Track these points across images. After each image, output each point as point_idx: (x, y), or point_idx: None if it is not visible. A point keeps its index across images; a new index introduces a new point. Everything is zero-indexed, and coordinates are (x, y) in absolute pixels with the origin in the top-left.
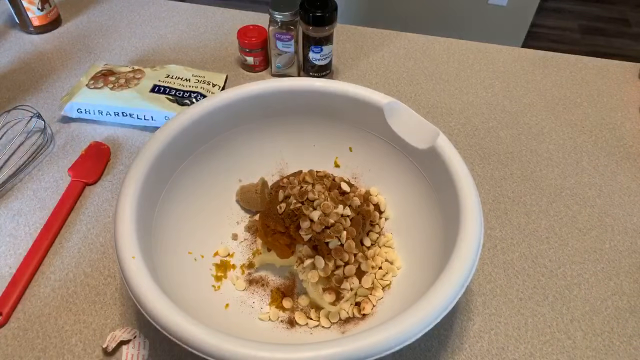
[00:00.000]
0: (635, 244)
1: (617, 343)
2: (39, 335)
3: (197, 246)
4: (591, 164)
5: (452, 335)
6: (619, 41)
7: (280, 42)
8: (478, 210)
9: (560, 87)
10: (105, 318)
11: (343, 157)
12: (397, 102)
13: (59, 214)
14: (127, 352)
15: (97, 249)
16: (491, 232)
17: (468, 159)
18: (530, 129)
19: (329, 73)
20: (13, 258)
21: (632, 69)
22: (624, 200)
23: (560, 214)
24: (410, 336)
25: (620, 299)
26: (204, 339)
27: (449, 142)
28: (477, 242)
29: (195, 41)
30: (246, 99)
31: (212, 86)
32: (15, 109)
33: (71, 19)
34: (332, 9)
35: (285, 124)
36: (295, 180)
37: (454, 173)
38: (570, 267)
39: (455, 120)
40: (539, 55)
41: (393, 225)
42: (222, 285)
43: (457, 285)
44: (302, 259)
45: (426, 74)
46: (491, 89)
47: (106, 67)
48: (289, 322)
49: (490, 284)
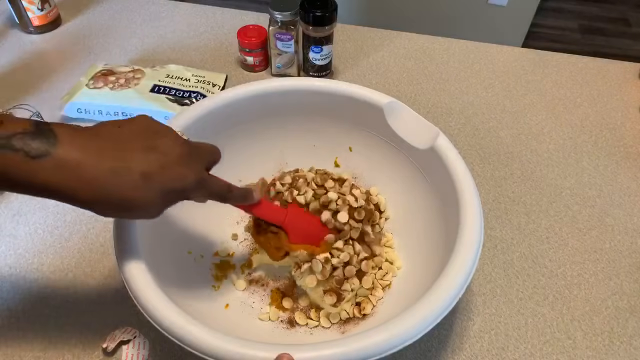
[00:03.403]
0: (635, 244)
1: (617, 343)
2: (39, 335)
3: (197, 246)
4: (591, 164)
5: (452, 335)
6: (619, 41)
7: (280, 42)
8: (478, 211)
9: (560, 87)
10: (105, 318)
11: (343, 157)
12: (397, 102)
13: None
14: (127, 352)
15: (97, 249)
16: (491, 232)
17: (468, 159)
18: (530, 129)
19: (329, 73)
20: (13, 258)
21: (632, 69)
22: (624, 200)
23: (560, 214)
24: (411, 336)
25: (620, 299)
26: (204, 339)
27: (449, 142)
28: (477, 242)
29: (195, 41)
30: (246, 99)
31: (212, 86)
32: (15, 109)
33: (71, 19)
34: (332, 9)
35: (285, 124)
36: (288, 176)
37: (454, 173)
38: (570, 267)
39: (455, 120)
40: (539, 55)
41: (393, 225)
42: (222, 285)
43: (457, 285)
44: (300, 264)
45: (426, 74)
46: (491, 89)
47: (106, 67)
48: (289, 322)
49: (490, 284)
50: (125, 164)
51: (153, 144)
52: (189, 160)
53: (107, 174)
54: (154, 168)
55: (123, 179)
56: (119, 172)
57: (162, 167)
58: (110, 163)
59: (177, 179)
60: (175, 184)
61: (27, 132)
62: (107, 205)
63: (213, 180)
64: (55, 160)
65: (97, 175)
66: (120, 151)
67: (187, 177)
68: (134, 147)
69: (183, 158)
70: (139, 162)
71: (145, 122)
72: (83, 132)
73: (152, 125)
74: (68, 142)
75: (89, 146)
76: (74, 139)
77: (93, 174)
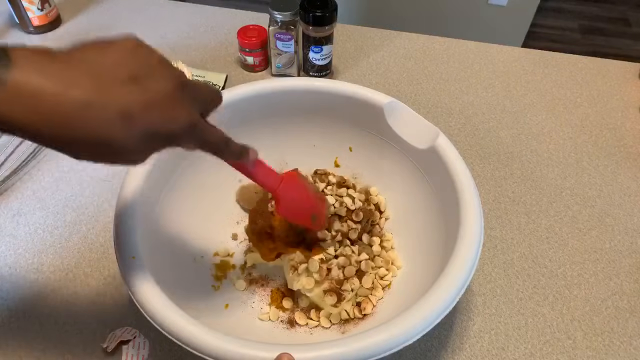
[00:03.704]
0: (635, 244)
1: (617, 343)
2: (39, 335)
3: (197, 246)
4: (591, 164)
5: (452, 335)
6: (619, 41)
7: (280, 42)
8: (478, 210)
9: (560, 87)
10: (105, 318)
11: (343, 157)
12: (397, 102)
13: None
14: (127, 352)
15: (97, 249)
16: (491, 232)
17: (468, 159)
18: (530, 129)
19: (329, 73)
20: (13, 258)
21: (632, 69)
22: (624, 200)
23: (560, 214)
24: (411, 336)
25: (621, 299)
26: (204, 339)
27: (449, 142)
28: (477, 242)
29: (195, 41)
30: (246, 99)
31: (212, 86)
32: None
33: (71, 19)
34: (332, 9)
35: (285, 124)
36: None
37: (454, 173)
38: (570, 267)
39: (455, 120)
40: (539, 55)
41: (393, 225)
42: (222, 285)
43: (458, 285)
44: (296, 265)
45: (426, 74)
46: (491, 89)
47: None
48: (289, 322)
49: (490, 284)
50: (100, 97)
51: (138, 75)
52: (182, 100)
53: (75, 107)
54: (137, 105)
55: (96, 116)
56: (92, 106)
57: (146, 104)
58: (80, 94)
59: (165, 122)
60: (161, 127)
61: None
62: (78, 145)
63: (208, 127)
64: (10, 89)
65: (63, 108)
66: (95, 80)
67: (177, 119)
68: (114, 77)
69: (174, 96)
70: (119, 97)
71: (132, 46)
72: (49, 56)
73: (141, 51)
74: (26, 65)
75: (54, 72)
76: (37, 64)
77: (57, 105)
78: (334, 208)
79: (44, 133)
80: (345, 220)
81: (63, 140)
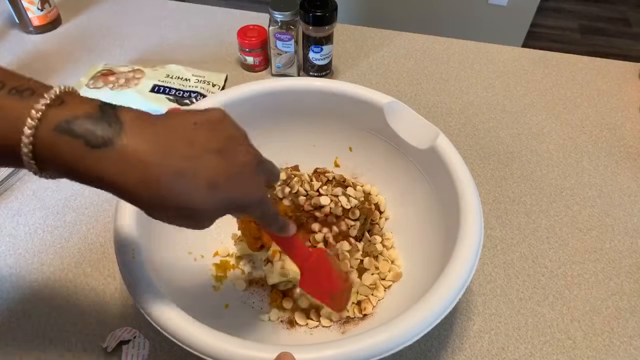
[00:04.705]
0: (635, 244)
1: (617, 343)
2: (39, 335)
3: (197, 246)
4: (591, 164)
5: (452, 335)
6: (619, 41)
7: (280, 42)
8: (478, 211)
9: (560, 87)
10: (105, 318)
11: (343, 157)
12: (397, 102)
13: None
14: (127, 352)
15: (97, 249)
16: (491, 232)
17: (468, 159)
18: (530, 129)
19: (329, 73)
20: (13, 258)
21: (632, 69)
22: (624, 200)
23: (560, 214)
24: (411, 337)
25: (621, 299)
26: (204, 339)
27: (449, 142)
28: (477, 242)
29: (195, 41)
30: (246, 99)
31: (212, 86)
32: None
33: (71, 19)
34: (332, 9)
35: (285, 123)
36: (283, 173)
37: (454, 173)
38: (570, 267)
39: (455, 120)
40: (539, 55)
41: (393, 225)
42: (222, 285)
43: (457, 285)
44: (270, 259)
45: (426, 74)
46: (491, 89)
47: (106, 67)
48: (289, 322)
49: (490, 284)
50: (193, 166)
51: (225, 147)
52: (258, 175)
53: (171, 177)
54: (223, 176)
55: (187, 184)
56: (185, 176)
57: (231, 176)
58: (177, 163)
59: (243, 193)
60: (239, 198)
61: (91, 116)
62: (162, 209)
63: (268, 202)
64: (118, 152)
65: (161, 176)
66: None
67: (253, 192)
68: (204, 147)
69: (253, 171)
70: (208, 168)
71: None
72: (152, 121)
73: (228, 126)
74: (134, 131)
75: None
76: (141, 129)
77: (156, 173)
78: (330, 209)
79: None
80: (342, 219)
81: (152, 203)
